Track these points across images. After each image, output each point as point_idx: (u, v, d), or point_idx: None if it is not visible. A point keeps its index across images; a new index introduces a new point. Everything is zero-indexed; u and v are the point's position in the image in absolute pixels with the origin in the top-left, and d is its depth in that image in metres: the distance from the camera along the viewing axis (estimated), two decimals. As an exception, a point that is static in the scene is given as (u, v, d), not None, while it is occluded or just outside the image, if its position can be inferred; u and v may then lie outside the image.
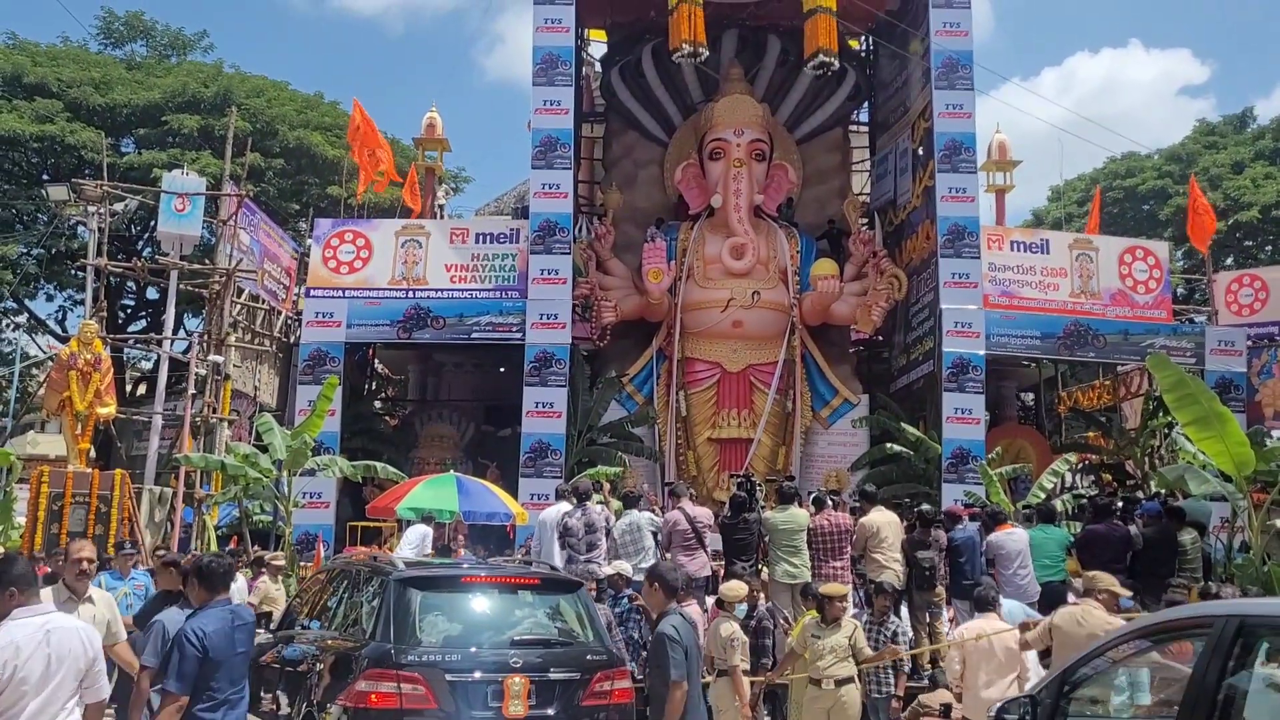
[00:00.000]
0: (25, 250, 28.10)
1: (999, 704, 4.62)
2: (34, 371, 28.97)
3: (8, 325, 31.89)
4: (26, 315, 32.11)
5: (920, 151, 20.51)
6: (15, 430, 26.37)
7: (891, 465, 18.78)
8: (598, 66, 23.82)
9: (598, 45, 23.96)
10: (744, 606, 9.31)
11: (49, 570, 11.05)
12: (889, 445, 18.54)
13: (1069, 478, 22.93)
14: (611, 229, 20.25)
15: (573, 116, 19.24)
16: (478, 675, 6.07)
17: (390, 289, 19.01)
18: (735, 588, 8.59)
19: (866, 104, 23.98)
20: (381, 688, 5.85)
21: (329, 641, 6.89)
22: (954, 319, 18.34)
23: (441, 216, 24.00)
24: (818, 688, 7.83)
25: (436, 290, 18.97)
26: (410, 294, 18.94)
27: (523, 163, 19.57)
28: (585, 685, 6.37)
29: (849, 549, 11.06)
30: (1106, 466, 21.99)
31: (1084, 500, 16.08)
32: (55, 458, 18.17)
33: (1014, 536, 11.17)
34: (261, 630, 7.70)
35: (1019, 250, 19.92)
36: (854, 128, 24.45)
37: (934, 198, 18.89)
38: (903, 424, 18.65)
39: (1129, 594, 9.75)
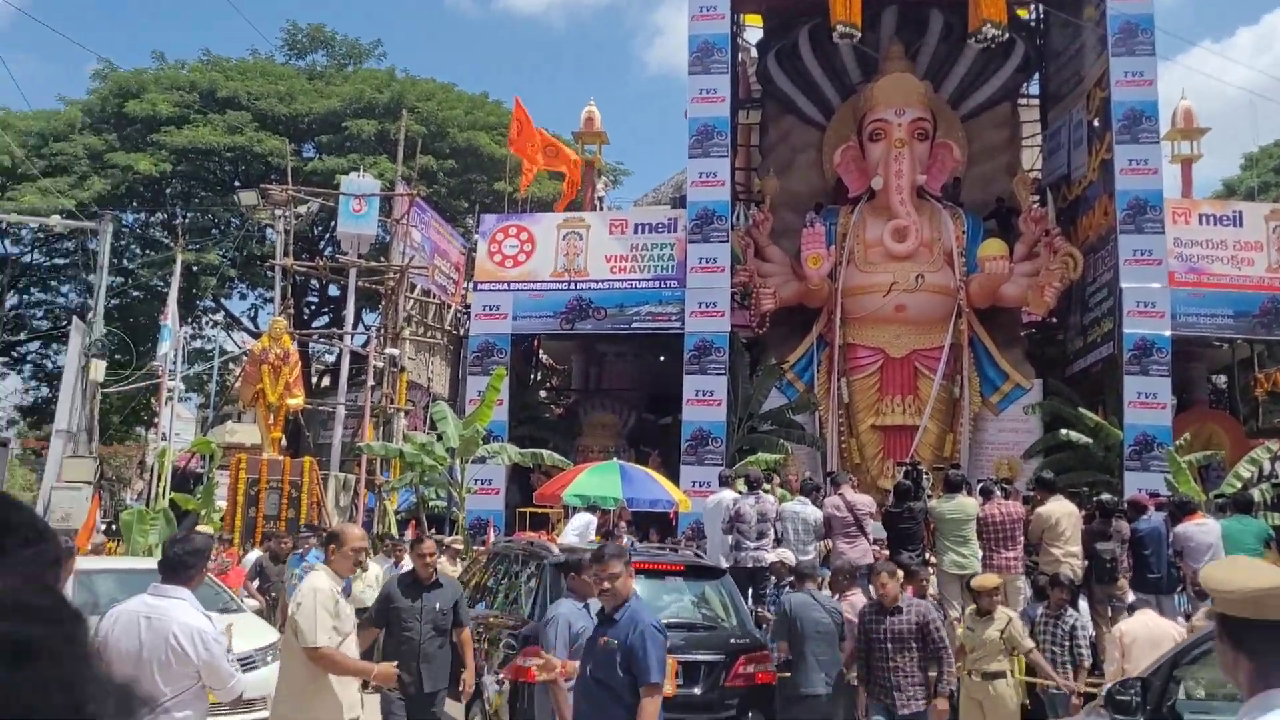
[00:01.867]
0: (222, 255, 30.16)
1: (1109, 685, 4.99)
2: (230, 366, 31.08)
3: (208, 323, 34.34)
4: (223, 314, 34.54)
5: (1096, 123, 19.51)
6: (215, 421, 28.38)
7: (1068, 453, 17.97)
8: (754, 52, 23.66)
9: (753, 31, 23.78)
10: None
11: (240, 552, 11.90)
12: (1064, 432, 17.76)
13: (1268, 466, 21.37)
14: (769, 215, 20.10)
15: (729, 104, 19.19)
16: None
17: (553, 281, 19.47)
18: (988, 579, 8.40)
19: (1037, 75, 22.97)
20: (539, 664, 6.16)
21: (491, 620, 7.32)
22: (1136, 298, 17.39)
23: (601, 209, 24.39)
24: (970, 680, 7.65)
25: (597, 281, 19.31)
26: (572, 285, 19.35)
27: (680, 152, 19.63)
28: (729, 667, 6.74)
29: (1022, 539, 10.68)
30: (1310, 454, 20.38)
31: (1284, 490, 14.99)
32: (251, 446, 19.45)
33: (1205, 528, 10.52)
34: None
35: (1208, 224, 18.69)
36: (1023, 101, 23.44)
37: (1112, 171, 17.94)
38: (1080, 410, 17.82)
39: None
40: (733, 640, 7.00)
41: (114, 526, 18.27)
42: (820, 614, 7.51)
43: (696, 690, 6.62)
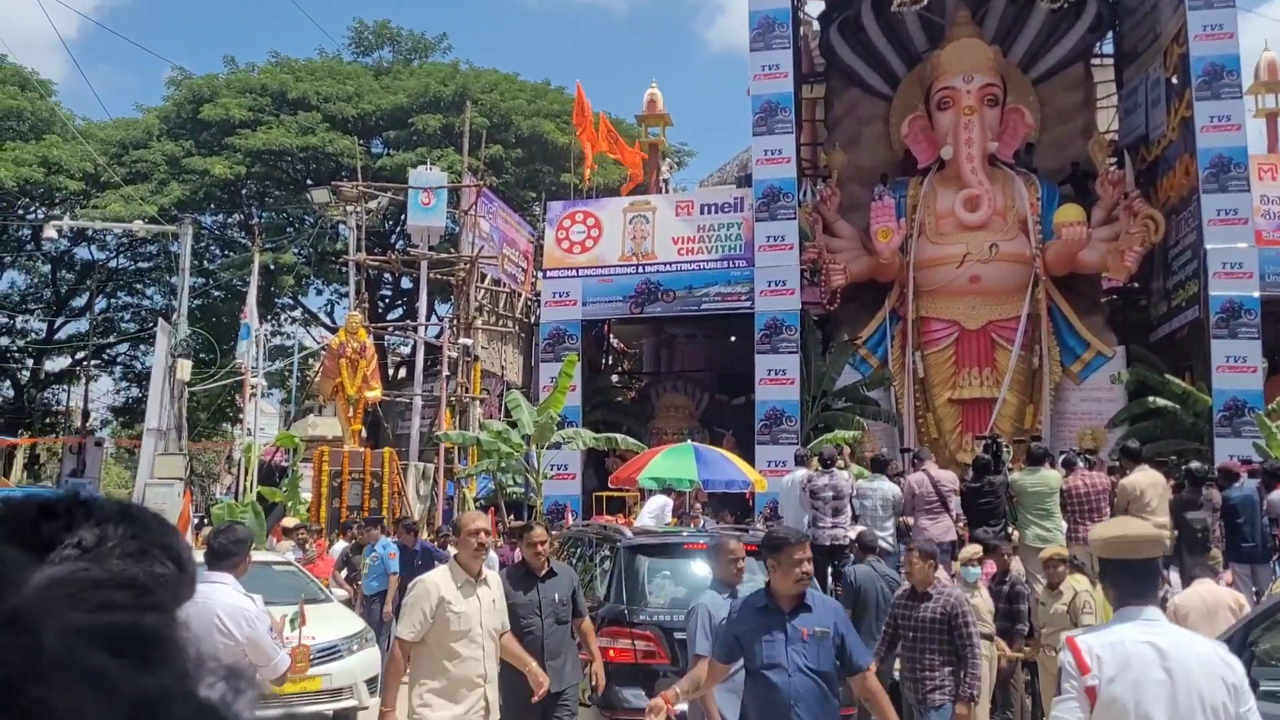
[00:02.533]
0: (297, 252, 30.84)
1: None
2: (310, 361, 31.81)
3: (287, 320, 35.18)
4: (301, 310, 35.33)
5: (1175, 80, 18.89)
6: (297, 415, 29.08)
7: (1154, 421, 17.51)
8: (816, 26, 23.35)
9: (815, 4, 23.46)
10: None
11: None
12: (1150, 399, 17.29)
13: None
14: (837, 190, 19.87)
15: (792, 79, 19.00)
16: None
17: (621, 265, 19.52)
18: (1054, 550, 8.26)
19: (1110, 34, 22.27)
20: (618, 644, 6.45)
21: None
22: (1221, 259, 16.85)
23: (666, 191, 24.35)
24: (1045, 655, 7.53)
25: (665, 264, 19.31)
26: (640, 269, 19.37)
27: (744, 131, 19.50)
28: None
29: (1108, 511, 10.44)
30: None
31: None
32: (332, 439, 19.89)
33: (1304, 492, 10.16)
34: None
35: (1298, 179, 17.98)
36: (1097, 61, 22.77)
37: (1193, 129, 17.37)
38: (1166, 376, 17.33)
39: None
40: None
41: (206, 520, 18.86)
42: (882, 585, 7.47)
43: None
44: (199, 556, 4.11)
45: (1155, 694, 2.89)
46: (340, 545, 12.70)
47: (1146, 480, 10.40)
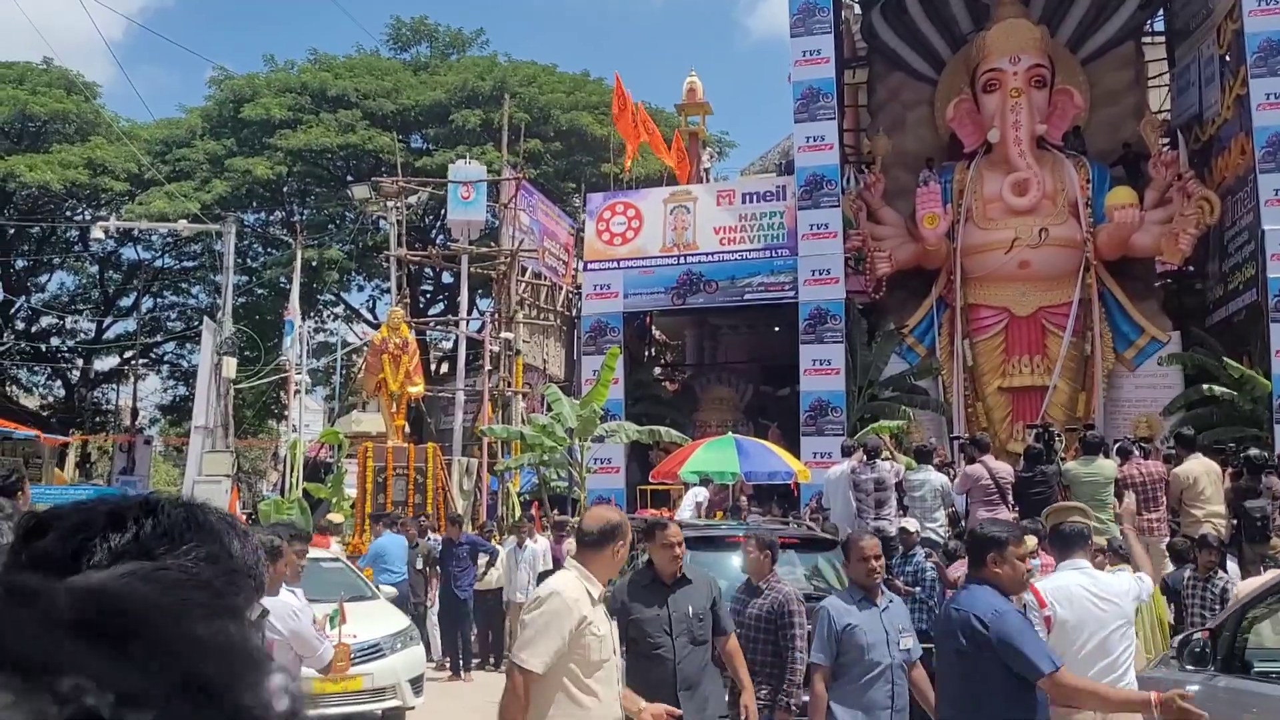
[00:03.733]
0: (339, 247, 31.05)
1: (1181, 636, 5.19)
2: (353, 357, 32.03)
3: (329, 317, 35.44)
4: (343, 306, 35.58)
5: (1228, 57, 18.36)
6: (341, 411, 29.29)
7: (1211, 407, 17.04)
8: (857, 9, 22.99)
9: (856, -13, 23.13)
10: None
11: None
12: (1207, 386, 16.83)
13: None
14: (881, 176, 19.55)
15: (834, 65, 18.69)
16: None
17: (662, 256, 19.37)
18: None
19: (1161, 11, 21.72)
20: None
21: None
22: (1280, 240, 16.33)
23: (707, 180, 24.16)
24: None
25: (707, 254, 19.13)
26: (681, 260, 19.21)
27: (786, 118, 19.25)
28: None
29: (1164, 500, 10.17)
30: None
31: None
32: (376, 434, 19.98)
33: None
34: None
35: (1359, 156, 17.39)
36: (1148, 39, 22.21)
37: (1248, 107, 16.86)
38: (1224, 360, 16.87)
39: None
40: None
41: (253, 516, 19.01)
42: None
43: None
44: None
45: (1090, 617, 4.39)
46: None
47: (1199, 468, 10.14)
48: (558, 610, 3.70)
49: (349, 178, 29.83)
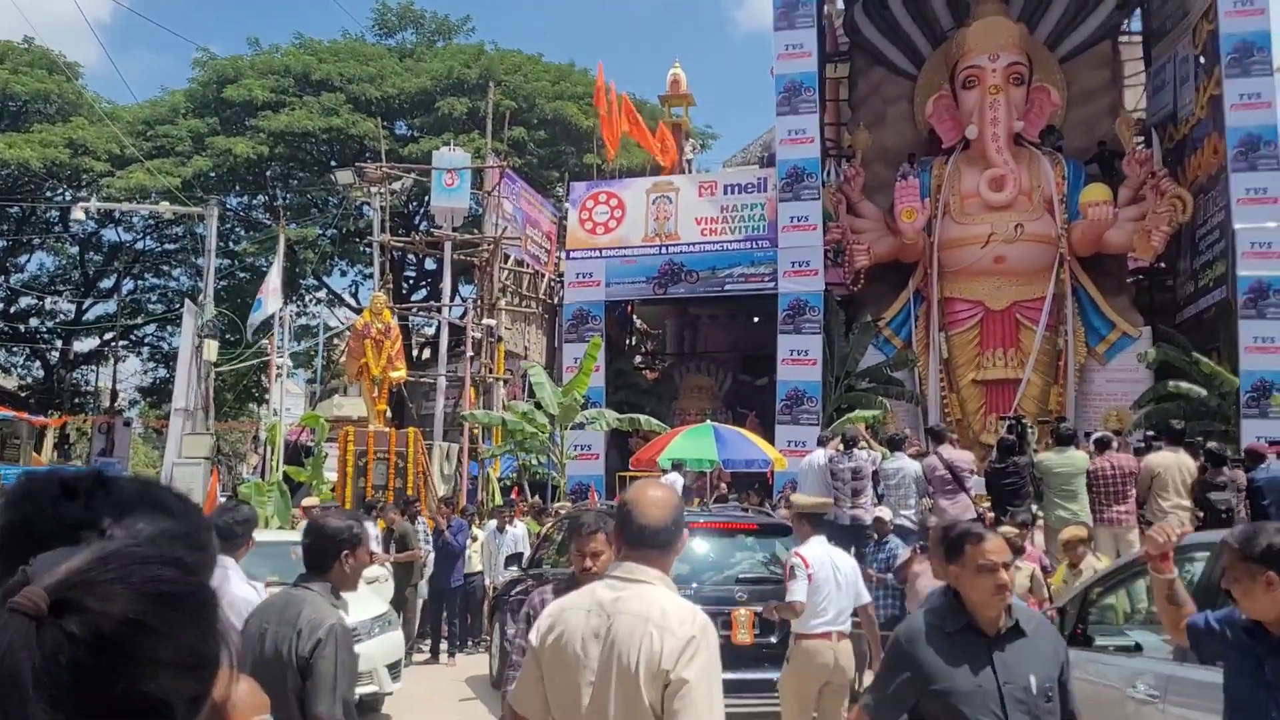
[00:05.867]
0: (321, 231, 31.01)
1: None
2: (335, 341, 32.03)
3: (311, 300, 35.40)
4: (325, 290, 35.54)
5: (1203, 58, 18.64)
6: (322, 395, 29.32)
7: (1180, 402, 17.38)
8: (840, 4, 23.16)
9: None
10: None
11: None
12: (1175, 381, 17.17)
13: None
14: (861, 170, 19.79)
15: (816, 59, 18.88)
16: (708, 608, 6.71)
17: (644, 246, 19.53)
18: (1073, 531, 8.39)
19: (1138, 11, 21.99)
20: None
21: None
22: (1250, 239, 16.66)
23: (689, 171, 24.32)
24: None
25: (689, 245, 19.30)
26: (663, 250, 19.37)
27: (768, 111, 19.41)
28: None
29: (1133, 492, 10.42)
30: None
31: None
32: (357, 419, 20.05)
33: (1337, 475, 10.07)
34: (515, 569, 9.81)
35: (1328, 157, 17.72)
36: (1124, 39, 22.47)
37: (1222, 107, 17.16)
38: (1194, 356, 17.20)
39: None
40: None
41: (233, 499, 19.05)
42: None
43: (773, 639, 7.21)
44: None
45: (831, 575, 6.22)
46: (369, 527, 12.85)
47: (1171, 460, 10.35)
48: (716, 646, 2.49)
49: (332, 163, 29.78)
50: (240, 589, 4.31)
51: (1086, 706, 3.72)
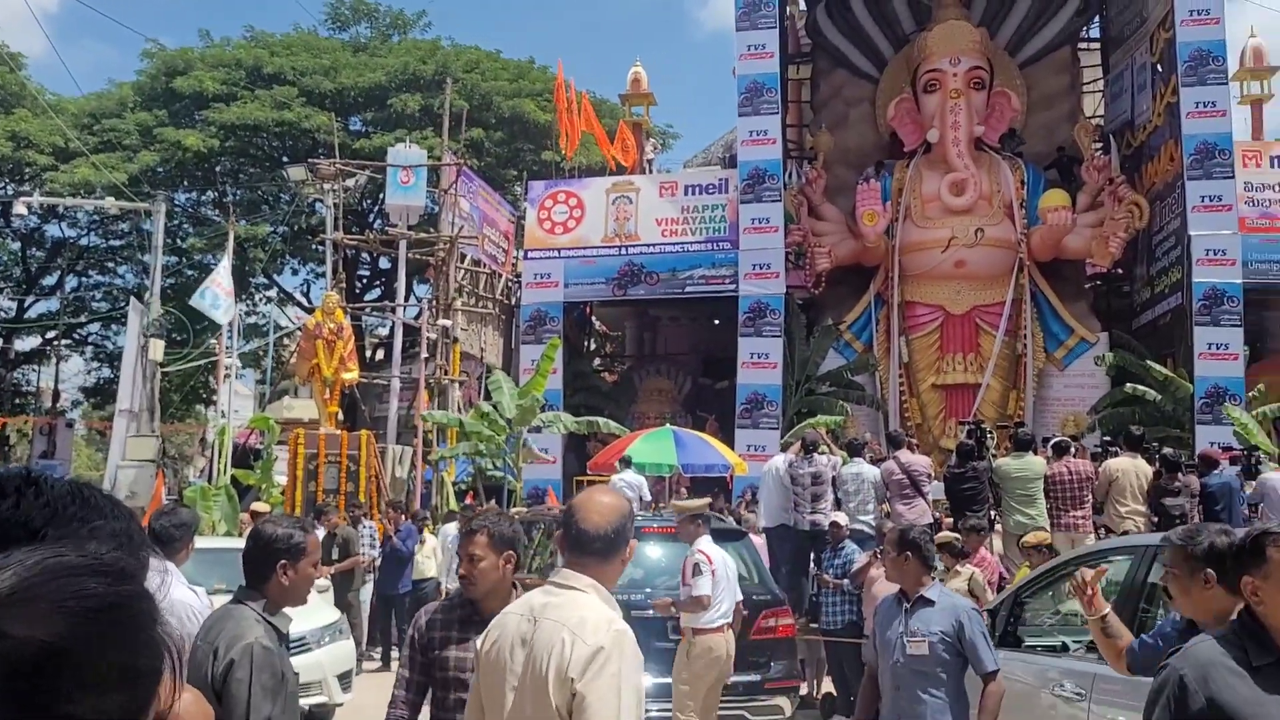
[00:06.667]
0: (272, 228, 30.40)
1: None
2: (285, 341, 31.42)
3: (261, 299, 34.71)
4: (276, 289, 34.87)
5: (1161, 66, 18.81)
6: (272, 397, 28.74)
7: (1135, 407, 17.50)
8: (802, 5, 23.10)
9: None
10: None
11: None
12: (1132, 386, 17.27)
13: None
14: (823, 172, 19.71)
15: (778, 60, 18.79)
16: (655, 612, 6.97)
17: (604, 246, 19.30)
18: (1033, 536, 8.43)
19: (1097, 18, 22.20)
20: None
21: (527, 582, 7.70)
22: (1205, 246, 16.81)
23: (650, 171, 24.13)
24: None
25: (649, 245, 19.10)
26: (623, 251, 19.16)
27: (730, 112, 19.28)
28: (752, 622, 7.37)
29: (1090, 498, 10.39)
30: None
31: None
32: (308, 421, 19.62)
33: (1294, 480, 10.11)
34: None
35: (1281, 166, 17.95)
36: (1084, 45, 22.70)
37: (1178, 115, 17.30)
38: (1148, 362, 17.31)
39: None
40: (755, 596, 7.58)
41: (179, 503, 18.55)
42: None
43: None
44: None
45: (725, 572, 6.61)
46: (320, 531, 12.48)
47: (1128, 466, 10.36)
48: (633, 656, 2.38)
49: (284, 158, 29.20)
50: (182, 593, 4.08)
51: (1015, 705, 4.39)
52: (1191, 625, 3.12)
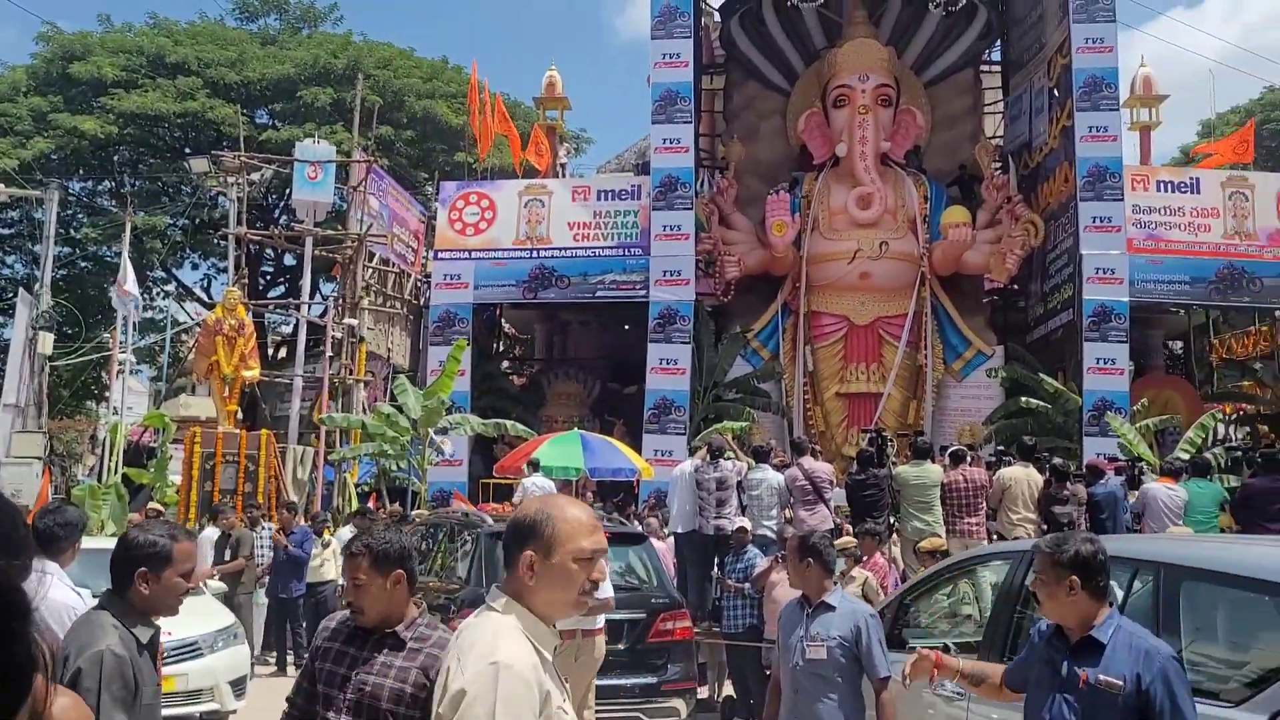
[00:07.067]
0: (172, 221, 29.47)
1: None
2: (184, 337, 30.49)
3: (158, 294, 33.60)
4: (175, 284, 33.81)
5: (1057, 90, 19.55)
6: (168, 394, 27.85)
7: (1028, 418, 18.13)
8: (717, 16, 23.37)
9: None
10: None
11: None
12: (1025, 398, 17.90)
13: (1221, 429, 21.74)
14: (734, 182, 19.98)
15: (692, 69, 18.97)
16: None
17: (515, 249, 19.22)
18: (932, 542, 8.66)
19: (999, 42, 22.96)
20: None
21: (429, 584, 7.95)
22: (1095, 265, 17.51)
23: (563, 175, 24.11)
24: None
25: (560, 249, 19.09)
26: (535, 254, 19.11)
27: (644, 119, 19.40)
28: (650, 625, 7.53)
29: (984, 505, 10.72)
30: (1263, 417, 20.74)
31: (1239, 454, 15.20)
32: (205, 419, 19.08)
33: (1174, 491, 10.53)
34: None
35: (1166, 190, 18.83)
36: (985, 68, 23.45)
37: (1073, 138, 18.00)
38: (1040, 375, 17.96)
39: None
40: (653, 600, 7.76)
41: (67, 502, 17.85)
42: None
43: (621, 645, 7.33)
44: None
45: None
46: (209, 531, 12.13)
47: (1021, 474, 10.70)
48: (511, 697, 2.11)
49: (186, 150, 28.34)
50: (62, 594, 3.90)
51: (897, 706, 4.50)
52: (1059, 630, 3.27)
